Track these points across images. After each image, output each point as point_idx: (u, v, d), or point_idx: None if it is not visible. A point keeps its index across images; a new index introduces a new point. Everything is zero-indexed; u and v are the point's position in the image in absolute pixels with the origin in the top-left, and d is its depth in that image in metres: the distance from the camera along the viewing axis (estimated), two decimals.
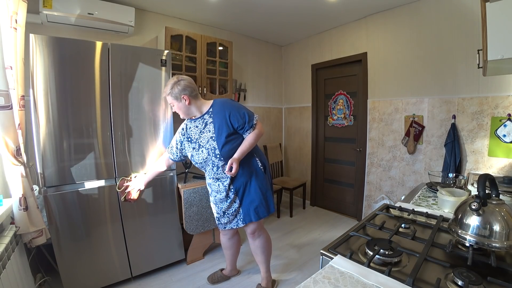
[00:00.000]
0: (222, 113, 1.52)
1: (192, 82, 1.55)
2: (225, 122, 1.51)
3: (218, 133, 1.51)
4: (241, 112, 1.53)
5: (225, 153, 1.51)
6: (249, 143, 1.55)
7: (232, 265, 1.99)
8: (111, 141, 1.77)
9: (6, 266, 1.15)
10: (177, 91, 1.47)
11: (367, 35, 2.81)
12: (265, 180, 1.66)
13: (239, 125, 1.52)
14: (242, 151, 1.53)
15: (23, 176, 1.37)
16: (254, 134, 1.56)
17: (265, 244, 1.77)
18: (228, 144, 1.51)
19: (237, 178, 1.59)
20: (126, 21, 2.25)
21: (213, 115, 1.55)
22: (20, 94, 1.39)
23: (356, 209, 3.12)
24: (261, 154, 1.72)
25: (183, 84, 1.48)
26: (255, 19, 2.86)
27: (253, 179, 1.61)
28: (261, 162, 1.67)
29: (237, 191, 1.61)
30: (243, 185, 1.61)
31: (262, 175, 1.65)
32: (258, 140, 1.60)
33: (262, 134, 1.61)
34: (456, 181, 1.50)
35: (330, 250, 0.83)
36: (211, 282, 1.94)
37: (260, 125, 1.61)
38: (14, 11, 1.31)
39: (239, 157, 1.51)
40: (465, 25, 2.10)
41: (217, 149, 1.51)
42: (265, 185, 1.65)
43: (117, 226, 1.84)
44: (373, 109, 2.84)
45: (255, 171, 1.63)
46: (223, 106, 1.55)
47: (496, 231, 0.73)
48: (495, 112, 2.00)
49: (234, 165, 1.47)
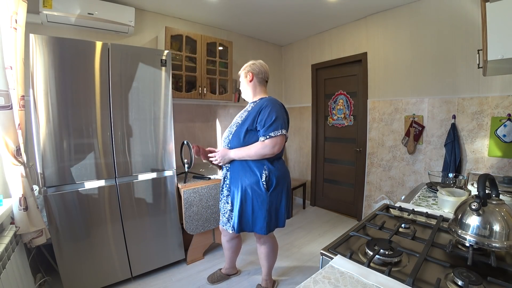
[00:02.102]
0: (259, 108, 1.48)
1: (266, 67, 1.65)
2: (254, 116, 1.48)
3: (243, 123, 1.52)
4: (271, 115, 1.42)
5: (233, 142, 1.54)
6: (249, 150, 1.46)
7: (230, 264, 1.98)
8: (111, 141, 1.77)
9: (6, 266, 1.15)
10: (248, 68, 1.62)
11: (367, 35, 2.81)
12: (263, 198, 1.49)
13: (258, 123, 1.45)
14: (238, 152, 1.50)
15: (23, 176, 1.37)
16: (260, 145, 1.44)
17: (271, 252, 1.74)
18: (242, 136, 1.50)
19: (231, 174, 1.58)
20: (126, 21, 2.25)
21: (254, 106, 1.55)
22: (20, 94, 1.40)
23: (356, 209, 3.12)
24: (273, 170, 1.51)
25: (256, 64, 1.63)
26: (255, 19, 2.86)
27: (250, 190, 1.49)
28: (268, 177, 1.49)
29: (231, 190, 1.58)
30: (238, 189, 1.53)
31: (262, 191, 1.48)
32: (260, 154, 1.44)
33: (271, 152, 1.44)
34: (456, 181, 1.50)
35: (330, 250, 0.83)
36: (210, 282, 1.94)
37: (277, 142, 1.43)
38: (14, 11, 1.32)
39: (231, 154, 1.52)
40: (465, 25, 2.10)
41: (232, 135, 1.54)
42: (259, 202, 1.49)
43: (117, 226, 1.83)
44: (373, 109, 2.84)
45: (255, 183, 1.48)
46: (265, 102, 1.49)
47: (496, 231, 0.73)
48: (495, 112, 2.00)
49: (218, 153, 1.52)
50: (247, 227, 1.56)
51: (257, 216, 1.52)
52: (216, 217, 2.21)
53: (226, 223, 1.66)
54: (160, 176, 1.99)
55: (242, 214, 1.54)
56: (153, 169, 1.96)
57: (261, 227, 1.52)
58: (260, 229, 1.52)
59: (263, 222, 1.51)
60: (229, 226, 1.63)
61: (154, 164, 1.96)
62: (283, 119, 1.48)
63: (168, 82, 1.97)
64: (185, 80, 2.55)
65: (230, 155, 1.53)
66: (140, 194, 1.92)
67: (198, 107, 3.00)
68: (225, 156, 1.54)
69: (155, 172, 1.97)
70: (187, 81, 2.61)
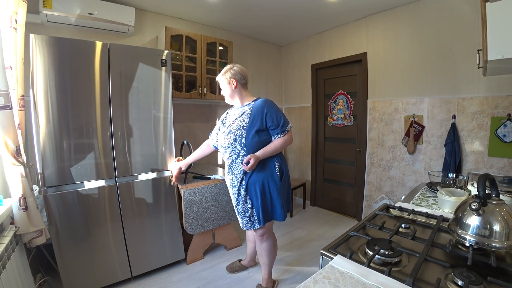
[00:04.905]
0: (261, 109, 1.59)
1: (245, 71, 1.71)
2: (261, 117, 1.58)
3: (251, 125, 1.58)
4: (278, 115, 1.60)
5: (249, 144, 1.58)
6: (275, 146, 1.60)
7: (251, 257, 2.08)
8: (111, 141, 1.77)
9: (6, 266, 1.15)
10: (229, 74, 1.65)
11: (367, 35, 2.81)
12: (278, 186, 1.62)
13: (271, 124, 1.58)
14: (265, 152, 1.58)
15: (22, 176, 1.37)
16: (282, 140, 1.61)
17: (271, 248, 1.77)
18: (255, 137, 1.58)
19: (251, 175, 1.61)
20: (126, 21, 2.25)
21: (252, 108, 1.62)
22: (20, 94, 1.39)
23: (356, 209, 3.12)
24: (282, 160, 1.69)
25: (236, 69, 1.67)
26: (255, 19, 2.86)
27: (266, 182, 1.61)
28: (280, 167, 1.65)
29: (248, 188, 1.61)
30: (256, 185, 1.60)
31: (277, 181, 1.62)
32: (285, 146, 1.64)
33: (290, 142, 1.66)
34: (456, 181, 1.50)
35: (330, 250, 0.83)
36: (229, 271, 2.06)
37: (291, 134, 1.66)
38: (14, 11, 1.31)
39: (260, 156, 1.56)
40: (465, 25, 2.10)
41: (244, 138, 1.58)
42: (276, 191, 1.62)
43: (117, 226, 1.83)
44: (373, 109, 2.84)
45: (270, 175, 1.61)
46: (264, 103, 1.61)
47: (496, 231, 0.73)
48: (495, 112, 2.00)
49: (252, 161, 1.52)
50: (269, 217, 1.65)
51: (275, 205, 1.63)
52: (216, 217, 2.21)
53: (247, 223, 1.65)
54: (160, 176, 1.99)
55: (265, 206, 1.63)
56: (153, 169, 1.96)
57: (279, 214, 1.64)
58: (279, 215, 1.64)
59: (281, 210, 1.63)
60: (251, 225, 1.65)
61: (154, 164, 1.96)
62: (282, 113, 1.66)
63: (168, 82, 1.97)
64: (185, 80, 2.55)
65: (259, 156, 1.57)
66: (140, 194, 1.92)
67: (198, 107, 3.00)
68: (257, 160, 1.55)
69: (155, 172, 1.97)
70: (187, 81, 2.61)
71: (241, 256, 2.26)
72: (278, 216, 1.64)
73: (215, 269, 2.10)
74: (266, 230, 1.71)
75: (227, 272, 2.06)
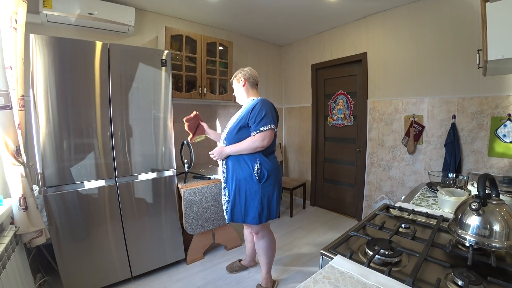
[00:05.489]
0: (252, 106, 1.61)
1: (255, 72, 1.77)
2: (246, 114, 1.61)
3: (239, 121, 1.63)
4: (261, 114, 1.55)
5: (231, 139, 1.65)
6: (242, 144, 1.59)
7: (250, 257, 2.08)
8: (111, 141, 1.77)
9: (6, 266, 1.15)
10: (240, 74, 1.73)
11: (367, 35, 2.81)
12: (255, 189, 1.59)
13: (251, 121, 1.58)
14: (233, 147, 1.62)
15: (22, 176, 1.37)
16: (250, 138, 1.57)
17: (269, 246, 1.77)
18: (238, 133, 1.62)
19: (228, 171, 1.69)
20: (126, 21, 2.25)
21: (248, 105, 1.67)
22: (20, 94, 1.39)
23: (356, 209, 3.12)
24: (266, 162, 1.61)
25: (246, 70, 1.74)
26: (255, 19, 2.86)
27: (244, 182, 1.61)
28: (260, 169, 1.58)
29: (227, 182, 1.70)
30: (232, 182, 1.65)
31: (254, 183, 1.58)
32: (252, 147, 1.55)
33: (261, 145, 1.54)
34: (456, 181, 1.50)
35: (330, 250, 0.83)
36: (229, 271, 2.06)
37: (265, 135, 1.54)
38: (14, 11, 1.31)
39: (227, 150, 1.63)
40: (465, 25, 2.10)
41: (230, 133, 1.66)
42: (251, 193, 1.59)
43: (117, 226, 1.83)
44: (373, 109, 2.84)
45: (249, 175, 1.59)
46: (257, 101, 1.62)
47: (496, 231, 0.73)
48: (495, 112, 2.00)
49: (215, 151, 1.66)
50: (238, 218, 1.66)
51: (249, 207, 1.62)
52: (216, 217, 2.21)
53: (226, 215, 1.74)
54: (160, 176, 1.99)
55: (235, 204, 1.65)
56: (153, 169, 1.96)
57: (253, 218, 1.61)
58: (252, 219, 1.62)
59: (255, 213, 1.61)
60: (227, 218, 1.71)
61: (154, 164, 1.96)
62: (272, 115, 1.60)
63: (168, 82, 1.97)
64: (185, 80, 2.55)
65: (226, 151, 1.65)
66: (140, 194, 1.92)
67: (198, 107, 2.99)
68: (221, 152, 1.66)
69: (155, 172, 1.97)
70: (187, 81, 2.61)
71: (241, 256, 2.26)
72: (251, 219, 1.61)
73: (215, 269, 2.10)
74: (260, 228, 1.72)
75: (227, 272, 2.06)
